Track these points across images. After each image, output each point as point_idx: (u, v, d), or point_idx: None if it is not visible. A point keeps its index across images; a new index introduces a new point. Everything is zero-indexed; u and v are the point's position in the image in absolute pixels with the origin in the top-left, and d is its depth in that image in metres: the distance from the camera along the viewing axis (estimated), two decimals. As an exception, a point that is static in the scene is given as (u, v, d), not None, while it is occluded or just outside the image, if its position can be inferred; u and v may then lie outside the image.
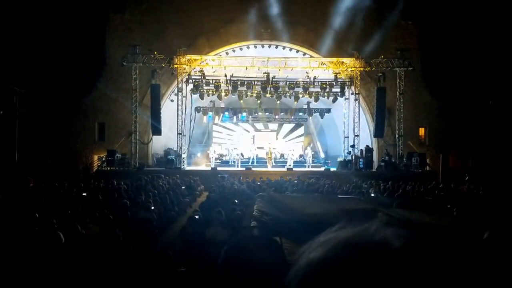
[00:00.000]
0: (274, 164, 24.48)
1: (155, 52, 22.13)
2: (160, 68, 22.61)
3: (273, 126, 29.03)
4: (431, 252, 0.74)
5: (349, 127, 23.94)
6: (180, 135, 22.83)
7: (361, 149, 22.87)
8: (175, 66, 22.55)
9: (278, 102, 24.75)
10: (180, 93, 22.81)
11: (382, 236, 0.73)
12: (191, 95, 23.55)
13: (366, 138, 24.05)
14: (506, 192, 13.25)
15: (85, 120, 23.76)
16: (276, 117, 26.68)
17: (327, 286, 0.69)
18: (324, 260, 0.72)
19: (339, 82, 23.21)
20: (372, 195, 12.71)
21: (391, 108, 23.61)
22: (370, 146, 23.07)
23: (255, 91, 23.50)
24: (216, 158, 25.55)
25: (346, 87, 23.71)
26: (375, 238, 0.73)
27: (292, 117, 27.06)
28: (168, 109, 23.97)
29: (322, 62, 23.54)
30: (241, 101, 24.38)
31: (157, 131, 22.39)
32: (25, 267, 4.53)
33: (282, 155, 26.08)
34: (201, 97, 23.77)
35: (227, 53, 24.48)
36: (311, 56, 24.39)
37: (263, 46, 24.72)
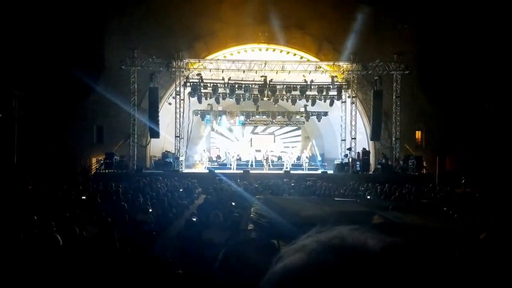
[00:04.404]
0: (271, 167, 24.57)
1: (153, 56, 22.21)
2: (158, 72, 22.69)
3: (271, 129, 29.13)
4: (411, 256, 0.75)
5: (346, 130, 24.02)
6: (178, 138, 22.88)
7: (358, 152, 22.95)
8: (173, 69, 22.63)
9: (275, 105, 24.84)
10: (178, 96, 22.87)
11: (360, 240, 0.74)
12: (189, 98, 23.60)
13: (363, 141, 24.15)
14: (502, 195, 13.32)
15: (83, 123, 23.77)
16: (274, 120, 26.75)
17: None
18: (300, 266, 0.73)
19: (336, 86, 23.29)
20: (369, 197, 12.75)
21: (388, 111, 23.71)
22: (367, 149, 23.15)
23: (253, 94, 23.57)
24: (213, 161, 25.81)
25: (343, 91, 23.80)
26: (353, 242, 0.74)
27: (290, 120, 27.14)
28: (166, 112, 24.02)
29: (319, 66, 23.66)
30: (239, 104, 24.46)
31: (155, 134, 22.43)
32: (23, 269, 4.57)
33: (279, 158, 26.16)
34: (199, 100, 23.88)
35: (224, 57, 24.57)
36: (308, 60, 24.51)
37: (260, 50, 24.83)
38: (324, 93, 23.48)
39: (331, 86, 23.27)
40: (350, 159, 22.81)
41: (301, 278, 0.72)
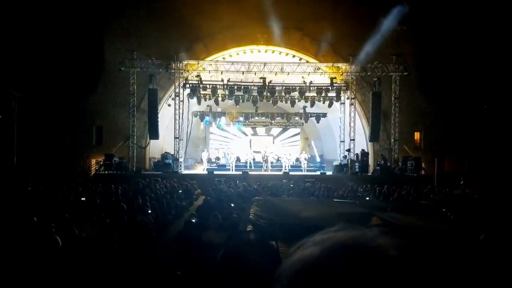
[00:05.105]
0: (270, 168, 24.60)
1: (153, 57, 22.25)
2: (158, 73, 22.72)
3: (270, 130, 29.18)
4: (425, 263, 0.77)
5: (345, 131, 24.04)
6: (177, 139, 22.90)
7: (357, 153, 22.98)
8: (173, 71, 22.66)
9: (274, 106, 24.88)
10: (177, 98, 22.89)
11: (378, 243, 0.76)
12: (188, 100, 23.64)
13: (362, 142, 24.17)
14: (501, 196, 13.34)
15: (83, 124, 23.77)
16: (273, 121, 26.81)
17: (317, 284, 0.73)
18: (318, 258, 0.75)
19: (334, 87, 23.34)
20: (368, 199, 12.77)
21: (387, 113, 23.74)
22: (366, 150, 23.17)
23: (252, 96, 23.60)
24: (212, 162, 25.87)
25: (341, 92, 23.85)
26: (371, 244, 0.76)
27: (289, 121, 27.19)
28: (166, 113, 24.04)
29: (318, 67, 23.70)
30: (238, 106, 24.52)
31: (154, 135, 22.43)
32: (22, 271, 4.58)
33: (278, 159, 26.21)
34: (198, 101, 23.93)
35: (224, 58, 24.61)
36: (307, 61, 24.55)
37: (259, 51, 24.88)
38: (323, 94, 23.53)
39: (330, 88, 23.31)
40: (349, 160, 22.83)
41: (318, 271, 0.74)
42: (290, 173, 22.58)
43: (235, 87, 23.01)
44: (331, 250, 0.75)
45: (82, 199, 11.55)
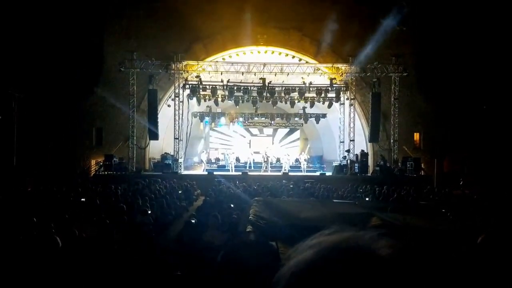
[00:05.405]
0: (270, 168, 24.61)
1: (152, 58, 22.26)
2: (157, 74, 22.72)
3: (269, 131, 29.20)
4: (422, 264, 0.77)
5: (345, 132, 24.05)
6: (177, 140, 22.90)
7: (356, 154, 22.98)
8: (172, 71, 22.67)
9: (274, 107, 24.89)
10: (177, 98, 22.90)
11: (373, 245, 0.76)
12: (188, 100, 23.64)
13: (361, 143, 24.17)
14: (501, 196, 13.35)
15: (83, 125, 23.79)
16: (272, 122, 26.82)
17: (312, 287, 0.73)
18: (312, 261, 0.76)
19: (334, 88, 23.35)
20: (367, 199, 12.78)
21: (386, 113, 23.75)
22: (365, 151, 23.17)
23: (252, 96, 23.60)
24: (212, 163, 25.88)
25: (341, 93, 23.85)
26: (366, 246, 0.76)
27: (288, 122, 27.20)
28: (165, 114, 24.06)
29: (317, 68, 23.71)
30: (238, 106, 24.52)
31: (154, 136, 22.43)
32: (22, 271, 4.58)
33: (278, 160, 26.24)
34: (198, 102, 23.95)
35: (223, 59, 24.62)
36: (306, 62, 24.57)
37: (259, 52, 24.88)
38: (323, 95, 23.53)
39: (329, 88, 23.32)
40: (349, 161, 22.83)
41: (313, 274, 0.74)
42: (290, 173, 22.58)
43: (235, 88, 23.02)
44: (326, 253, 0.76)
45: (82, 199, 11.54)
